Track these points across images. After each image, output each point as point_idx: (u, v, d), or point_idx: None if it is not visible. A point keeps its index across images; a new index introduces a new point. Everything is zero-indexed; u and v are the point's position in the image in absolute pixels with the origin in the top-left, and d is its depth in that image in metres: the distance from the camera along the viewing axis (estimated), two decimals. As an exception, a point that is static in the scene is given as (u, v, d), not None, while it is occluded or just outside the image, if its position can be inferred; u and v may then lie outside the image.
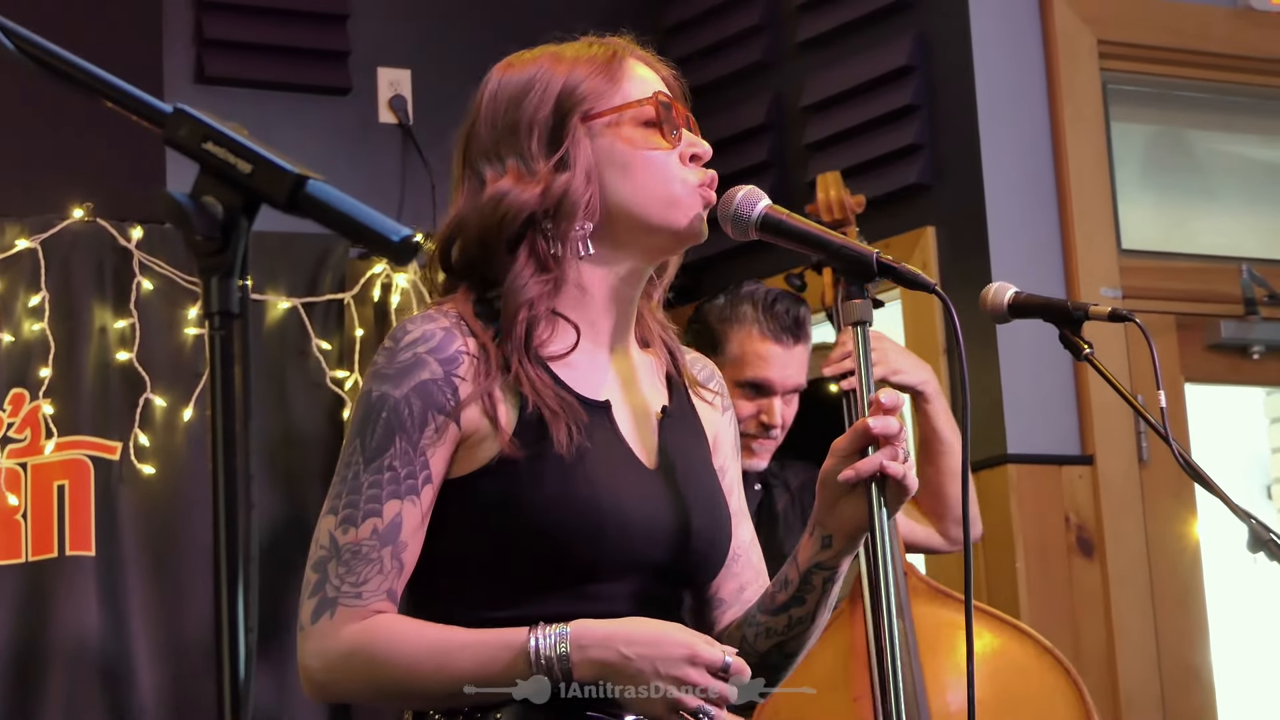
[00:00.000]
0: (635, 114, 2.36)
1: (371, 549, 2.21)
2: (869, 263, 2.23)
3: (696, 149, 2.40)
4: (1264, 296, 4.98)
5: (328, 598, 2.21)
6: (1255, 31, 5.10)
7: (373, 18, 5.25)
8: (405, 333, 2.29)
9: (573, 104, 2.35)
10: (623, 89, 2.38)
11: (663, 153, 2.36)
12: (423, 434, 2.24)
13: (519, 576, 2.25)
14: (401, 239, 1.44)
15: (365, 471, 2.23)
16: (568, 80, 2.37)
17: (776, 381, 3.87)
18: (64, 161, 4.67)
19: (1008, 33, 4.79)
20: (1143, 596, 4.60)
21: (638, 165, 2.35)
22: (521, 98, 2.37)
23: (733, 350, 3.85)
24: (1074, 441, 4.63)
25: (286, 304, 4.69)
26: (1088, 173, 4.78)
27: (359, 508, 2.22)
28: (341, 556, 2.21)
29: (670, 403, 2.43)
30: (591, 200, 2.31)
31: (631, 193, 2.34)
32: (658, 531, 2.30)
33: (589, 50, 2.42)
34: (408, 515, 2.23)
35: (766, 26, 5.31)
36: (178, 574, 4.47)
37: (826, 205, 4.01)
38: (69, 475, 4.43)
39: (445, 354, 2.27)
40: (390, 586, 2.22)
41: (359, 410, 2.27)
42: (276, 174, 1.42)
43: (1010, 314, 3.01)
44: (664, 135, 2.37)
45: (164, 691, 4.43)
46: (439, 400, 2.25)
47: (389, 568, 2.22)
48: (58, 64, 1.52)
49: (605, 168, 2.34)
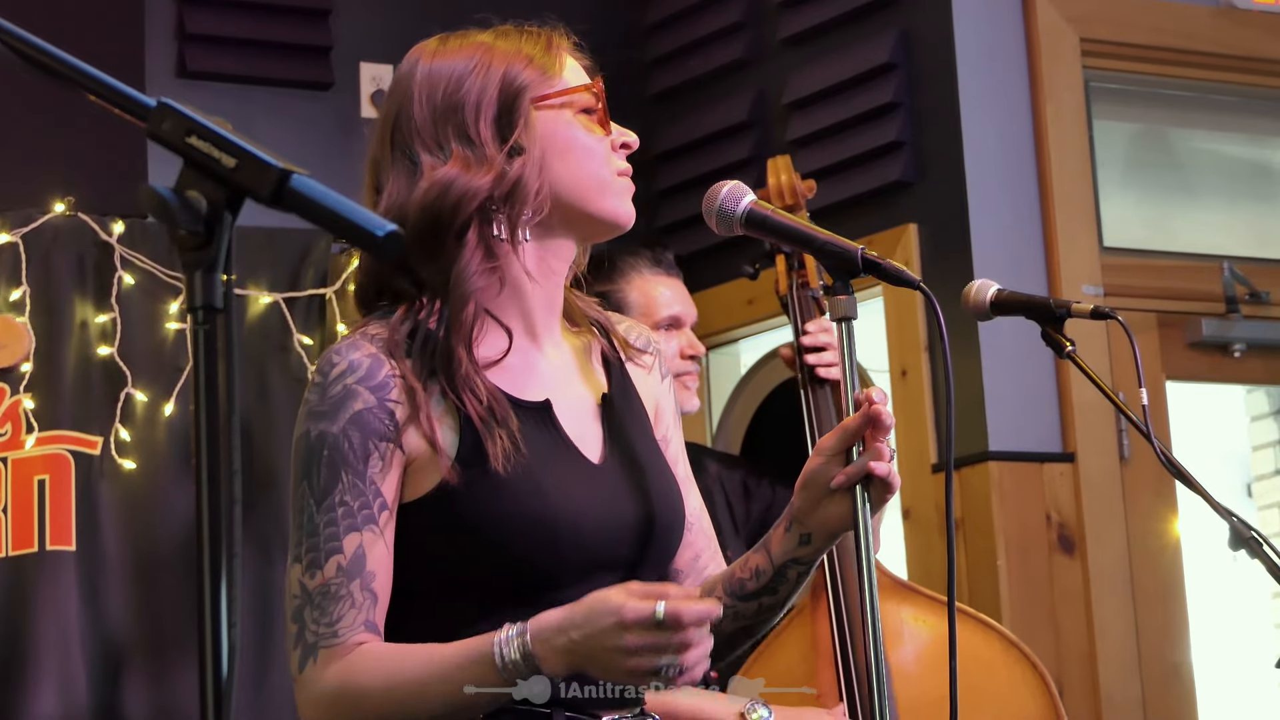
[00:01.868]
0: (574, 100, 2.37)
1: (339, 586, 2.19)
2: (854, 259, 2.23)
3: (626, 138, 2.43)
4: (1245, 294, 4.99)
5: (308, 644, 2.20)
6: (1237, 30, 5.11)
7: (355, 13, 5.25)
8: (331, 365, 2.26)
9: (519, 88, 2.34)
10: (561, 76, 2.38)
11: (598, 139, 2.38)
12: (368, 464, 2.22)
13: (483, 595, 2.24)
14: (385, 234, 1.44)
15: (319, 513, 2.21)
16: (510, 65, 2.36)
17: (683, 314, 3.95)
18: (45, 155, 4.66)
19: (990, 30, 4.80)
20: (1124, 594, 4.61)
21: (577, 151, 2.36)
22: (460, 82, 2.35)
23: (636, 299, 3.90)
24: (1055, 439, 4.64)
25: (268, 299, 4.68)
26: (1070, 170, 4.78)
27: (320, 549, 2.20)
28: (314, 600, 2.20)
29: (609, 387, 2.42)
30: (542, 187, 2.32)
31: (570, 179, 2.35)
32: (615, 528, 2.29)
33: (522, 39, 2.41)
34: (369, 545, 2.21)
35: (748, 23, 5.31)
36: (158, 569, 4.47)
37: (778, 190, 4.02)
38: (49, 470, 4.42)
39: (374, 381, 2.24)
40: (366, 619, 2.20)
41: (300, 453, 2.25)
42: (261, 168, 1.42)
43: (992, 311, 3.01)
44: (599, 122, 2.38)
45: (146, 687, 4.42)
46: (377, 428, 2.23)
47: (360, 600, 2.20)
48: (41, 57, 1.52)
49: (548, 153, 2.34)
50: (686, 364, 3.91)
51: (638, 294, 3.91)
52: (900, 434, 4.74)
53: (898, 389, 4.73)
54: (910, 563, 4.58)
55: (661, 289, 3.94)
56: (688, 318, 3.96)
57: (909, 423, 4.69)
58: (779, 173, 4.04)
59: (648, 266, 3.95)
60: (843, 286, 2.23)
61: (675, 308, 3.93)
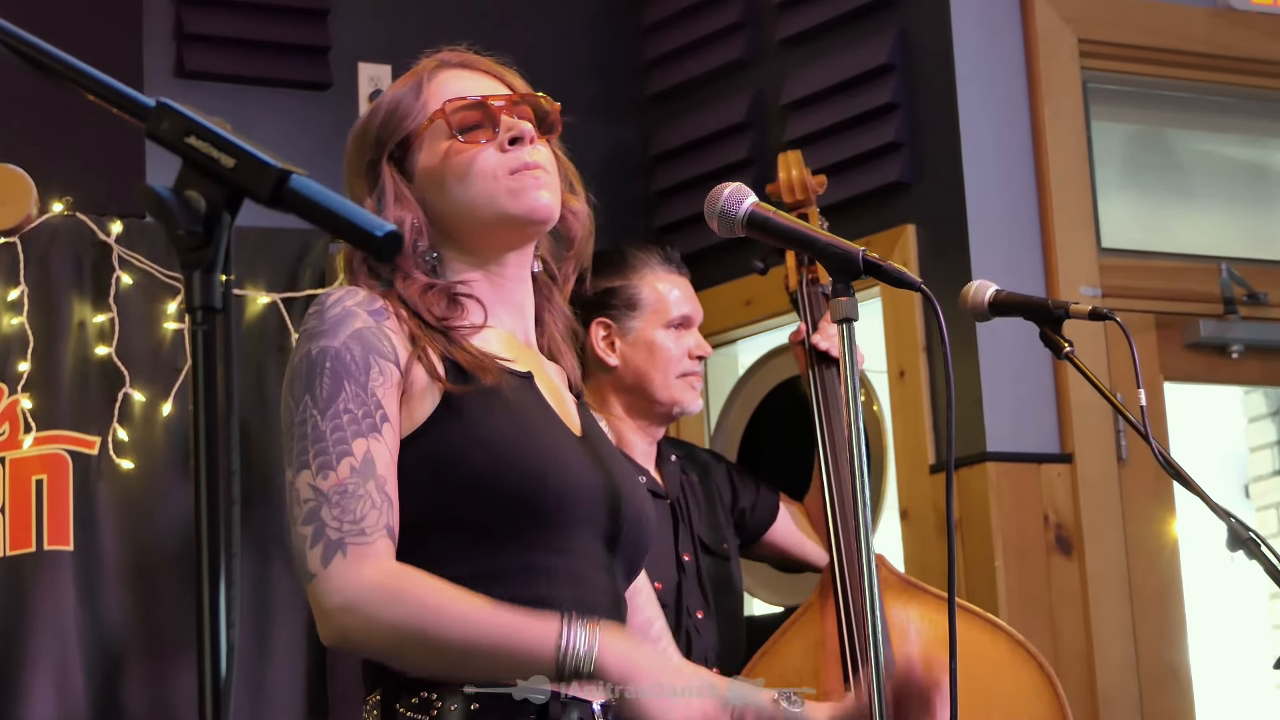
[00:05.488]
0: (435, 130, 2.42)
1: (357, 486, 2.21)
2: (855, 260, 2.24)
3: (513, 131, 2.43)
4: (1243, 296, 4.99)
5: (333, 540, 2.20)
6: (1235, 31, 5.11)
7: (353, 13, 5.25)
8: (329, 296, 2.34)
9: (384, 139, 2.45)
10: (427, 108, 2.44)
11: (472, 152, 2.41)
12: (369, 376, 2.26)
13: (469, 529, 2.27)
14: (384, 234, 1.44)
15: (323, 420, 2.24)
16: (382, 118, 2.47)
17: (693, 314, 3.97)
18: (43, 155, 4.65)
19: (988, 31, 4.80)
20: (1121, 595, 4.61)
21: (450, 178, 2.42)
22: (357, 145, 2.49)
23: (649, 295, 3.91)
24: (1053, 440, 4.64)
25: (266, 299, 4.68)
26: (1068, 171, 4.78)
27: (329, 452, 2.23)
28: (331, 500, 2.21)
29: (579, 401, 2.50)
30: (407, 232, 2.39)
31: (455, 204, 2.42)
32: (594, 489, 2.34)
33: (401, 81, 2.52)
34: (377, 451, 2.24)
35: (746, 24, 5.31)
36: (156, 569, 4.46)
37: (788, 185, 4.03)
38: (47, 470, 4.42)
39: (372, 308, 2.32)
40: (387, 522, 2.22)
41: (300, 369, 2.29)
42: (259, 169, 1.42)
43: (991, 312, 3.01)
44: (473, 136, 2.40)
45: (143, 687, 4.42)
46: (377, 345, 2.28)
47: (379, 501, 2.22)
48: (40, 57, 1.52)
49: (427, 188, 2.43)
50: (694, 364, 3.92)
51: (650, 290, 3.91)
52: (898, 435, 4.74)
53: (896, 390, 4.73)
54: (908, 563, 4.58)
55: (675, 288, 3.94)
56: (697, 317, 3.97)
57: (907, 423, 4.69)
58: (790, 167, 4.04)
59: (659, 264, 3.95)
60: (844, 288, 2.24)
61: (686, 307, 3.94)
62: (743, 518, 4.00)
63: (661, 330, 3.88)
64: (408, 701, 2.24)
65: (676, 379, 3.87)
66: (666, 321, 3.89)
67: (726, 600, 3.89)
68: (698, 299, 4.01)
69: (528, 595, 2.24)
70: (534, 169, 2.41)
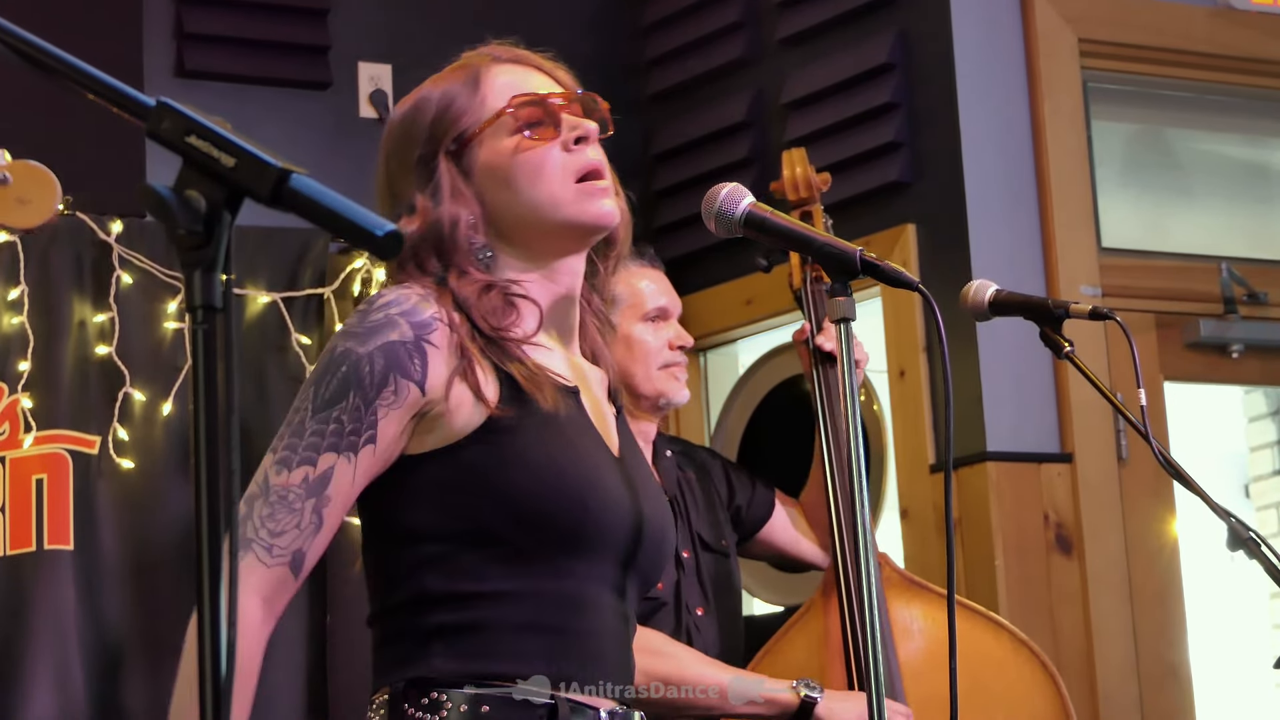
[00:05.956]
0: (498, 126, 2.38)
1: (297, 498, 2.19)
2: (853, 260, 2.23)
3: (578, 130, 2.40)
4: (1243, 295, 4.99)
5: (245, 537, 2.20)
6: (1236, 31, 5.11)
7: (353, 12, 5.25)
8: (380, 297, 2.29)
9: (441, 133, 2.39)
10: (487, 104, 2.39)
11: (541, 150, 2.37)
12: (379, 394, 2.22)
13: (501, 546, 2.24)
14: (385, 234, 1.44)
15: (311, 419, 2.22)
16: (435, 111, 2.40)
17: (670, 305, 3.95)
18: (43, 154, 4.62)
19: (988, 30, 4.80)
20: (1121, 594, 4.61)
21: (516, 176, 2.37)
22: (404, 137, 2.41)
23: (623, 291, 3.90)
24: (1053, 439, 4.64)
25: (266, 298, 4.68)
26: (1068, 171, 4.78)
27: (297, 452, 2.21)
28: (269, 498, 2.20)
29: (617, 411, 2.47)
30: (474, 222, 2.35)
31: (518, 204, 2.36)
32: (625, 514, 2.31)
33: (452, 76, 2.45)
34: (340, 471, 2.21)
35: (747, 23, 5.31)
36: (156, 568, 4.47)
37: (792, 183, 4.02)
38: (47, 469, 4.42)
39: (418, 318, 2.25)
40: (299, 547, 2.20)
41: (321, 363, 2.27)
42: (260, 168, 1.42)
43: (991, 311, 3.01)
44: (539, 133, 2.37)
45: (143, 686, 4.42)
46: (404, 363, 2.23)
47: (306, 524, 2.20)
48: (40, 56, 1.52)
49: (488, 185, 2.37)
50: (676, 355, 3.91)
51: (624, 287, 3.90)
52: (898, 434, 4.74)
53: (895, 389, 4.73)
54: (908, 563, 4.58)
55: (647, 281, 3.94)
56: (674, 309, 3.96)
57: (907, 423, 4.69)
58: (794, 165, 4.04)
59: (631, 260, 3.94)
60: (842, 288, 2.24)
61: (662, 299, 3.94)
62: (738, 514, 4.00)
63: (639, 324, 3.88)
64: (417, 701, 2.24)
65: (658, 370, 3.87)
66: (643, 315, 3.89)
67: (726, 597, 3.89)
68: (674, 291, 4.00)
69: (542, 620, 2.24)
70: (599, 176, 2.38)
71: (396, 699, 2.26)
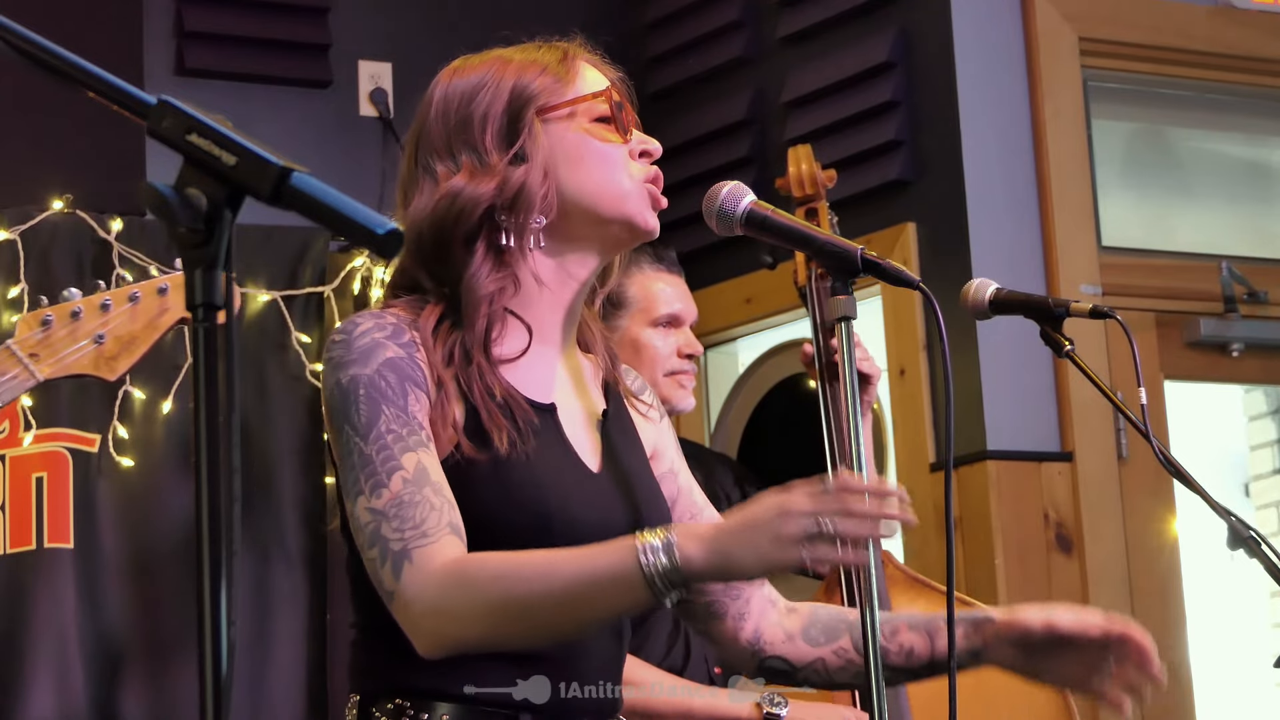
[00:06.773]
0: (588, 108, 2.38)
1: (413, 494, 2.16)
2: (854, 259, 2.23)
3: (647, 145, 2.40)
4: (1243, 294, 4.99)
5: (397, 552, 2.14)
6: (1236, 30, 5.11)
7: (353, 10, 5.25)
8: (355, 325, 2.27)
9: (526, 99, 2.36)
10: (575, 85, 2.39)
11: (614, 146, 2.37)
12: (407, 400, 2.21)
13: None
14: (386, 232, 1.44)
15: (367, 444, 2.18)
16: (520, 78, 2.38)
17: (683, 312, 3.90)
18: (43, 153, 4.65)
19: (989, 29, 4.79)
20: (1121, 593, 4.61)
21: (591, 158, 2.36)
22: (473, 96, 2.38)
23: (636, 294, 3.86)
24: (1054, 438, 4.64)
25: (266, 297, 4.68)
26: (1068, 170, 4.78)
27: (379, 473, 2.17)
28: (389, 515, 2.15)
29: (609, 407, 2.44)
30: (548, 193, 2.32)
31: (584, 185, 2.35)
32: (605, 533, 2.28)
33: (539, 51, 2.44)
34: (427, 461, 2.19)
35: (747, 22, 5.31)
36: (156, 567, 4.47)
37: (798, 179, 4.01)
38: (47, 467, 4.42)
39: (401, 339, 2.25)
40: (449, 519, 2.16)
41: (334, 401, 2.23)
42: (261, 166, 1.42)
43: (991, 310, 3.01)
44: (616, 130, 2.37)
45: (143, 685, 4.42)
46: (411, 374, 2.23)
47: (438, 504, 2.16)
48: (41, 55, 1.52)
49: (559, 161, 2.35)
50: (683, 363, 3.89)
51: (637, 289, 3.88)
52: (898, 433, 4.74)
53: (896, 388, 4.73)
54: (908, 561, 4.57)
55: (662, 285, 3.91)
56: (687, 316, 3.94)
57: (907, 422, 4.69)
58: (799, 162, 4.02)
59: (649, 262, 3.92)
60: (842, 287, 2.23)
61: (675, 305, 3.90)
62: None
63: (648, 329, 3.85)
64: (384, 707, 2.23)
65: (664, 377, 3.84)
66: (653, 320, 3.86)
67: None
68: (692, 298, 3.98)
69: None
70: (659, 188, 2.40)
71: (365, 704, 2.26)
